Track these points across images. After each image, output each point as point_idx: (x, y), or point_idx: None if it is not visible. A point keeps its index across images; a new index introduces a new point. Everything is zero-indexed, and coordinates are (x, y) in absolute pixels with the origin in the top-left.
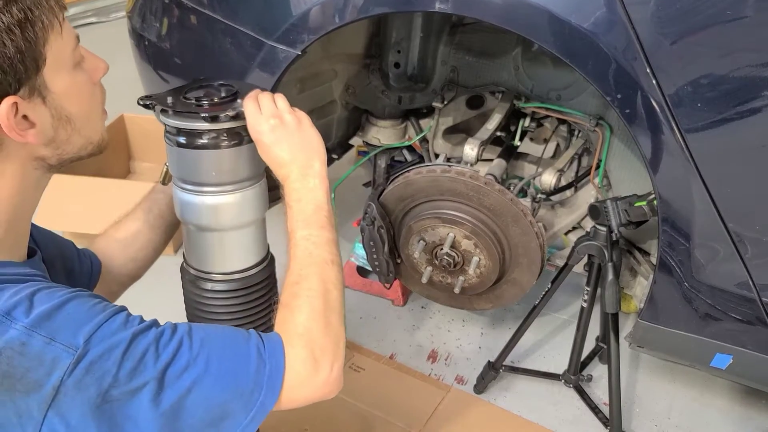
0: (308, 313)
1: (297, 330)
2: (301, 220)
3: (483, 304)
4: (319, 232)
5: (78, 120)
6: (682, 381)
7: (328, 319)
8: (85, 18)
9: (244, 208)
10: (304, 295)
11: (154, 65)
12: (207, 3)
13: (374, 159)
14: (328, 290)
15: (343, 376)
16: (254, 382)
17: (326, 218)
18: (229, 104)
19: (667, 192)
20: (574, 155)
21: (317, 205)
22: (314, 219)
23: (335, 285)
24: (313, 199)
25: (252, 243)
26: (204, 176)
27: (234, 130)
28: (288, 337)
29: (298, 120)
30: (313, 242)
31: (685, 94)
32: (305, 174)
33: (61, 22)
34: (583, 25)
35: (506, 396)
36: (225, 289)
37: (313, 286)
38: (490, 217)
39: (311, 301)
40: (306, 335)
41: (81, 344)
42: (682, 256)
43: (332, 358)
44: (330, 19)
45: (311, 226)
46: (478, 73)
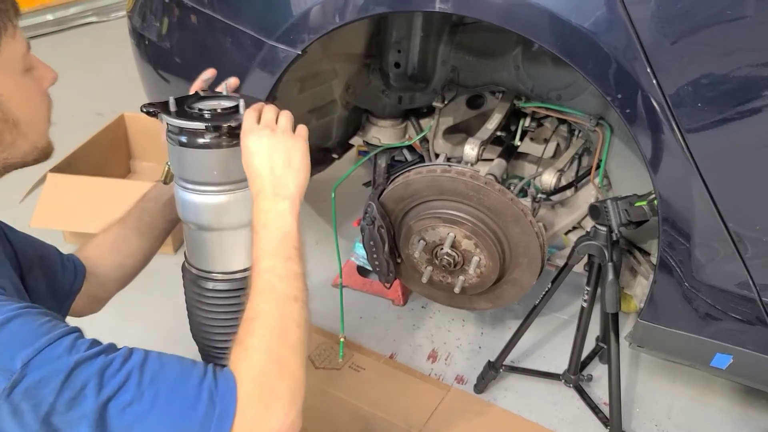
0: (264, 354)
1: (250, 372)
2: (267, 249)
3: (483, 303)
4: (285, 264)
5: (24, 124)
6: (683, 381)
7: (285, 360)
8: (86, 17)
9: (245, 207)
10: (260, 334)
11: (154, 65)
12: (207, 2)
13: (374, 159)
14: (287, 329)
15: (300, 419)
16: (201, 425)
17: (294, 248)
18: (233, 111)
19: (667, 192)
20: (575, 155)
21: (285, 232)
22: (281, 249)
23: (297, 324)
24: (281, 226)
25: (246, 245)
26: (206, 175)
27: (235, 130)
28: (241, 378)
29: (291, 138)
30: (277, 275)
31: (686, 94)
32: (277, 193)
33: (15, 26)
34: (583, 25)
35: (506, 396)
36: (227, 288)
37: (271, 324)
38: (490, 216)
39: (268, 340)
40: (260, 378)
41: (18, 369)
42: (683, 256)
43: (288, 404)
44: (330, 18)
45: (277, 256)
46: (478, 72)
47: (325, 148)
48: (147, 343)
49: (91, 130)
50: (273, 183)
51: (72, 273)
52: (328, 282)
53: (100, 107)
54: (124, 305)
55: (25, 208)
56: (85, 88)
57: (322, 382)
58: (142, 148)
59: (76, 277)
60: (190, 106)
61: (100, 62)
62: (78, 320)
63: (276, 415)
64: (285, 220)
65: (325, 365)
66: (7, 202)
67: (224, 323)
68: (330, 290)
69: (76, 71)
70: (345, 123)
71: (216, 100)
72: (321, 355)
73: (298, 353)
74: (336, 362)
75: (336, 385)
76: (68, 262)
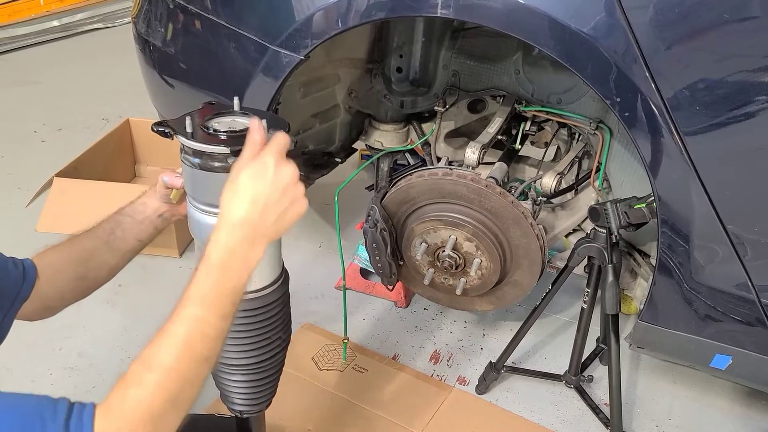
0: (143, 410)
1: (121, 421)
2: (208, 296)
3: (484, 305)
4: (218, 322)
5: None
6: (683, 381)
7: (163, 420)
8: (92, 24)
9: None
10: (149, 391)
11: (159, 70)
12: (211, 8)
13: (377, 162)
14: (182, 389)
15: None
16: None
17: (233, 306)
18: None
19: (666, 194)
20: (575, 158)
21: (237, 286)
22: (223, 303)
23: (194, 385)
24: (239, 278)
25: (267, 263)
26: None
27: None
28: (108, 423)
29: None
30: (202, 333)
31: (684, 98)
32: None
33: None
34: (583, 30)
35: (508, 396)
36: (241, 309)
37: (165, 383)
38: (491, 219)
39: (154, 398)
40: (126, 428)
41: None
42: (682, 257)
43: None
44: (333, 24)
45: (214, 310)
46: (479, 77)
47: (328, 152)
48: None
49: (97, 134)
50: (260, 224)
51: (18, 279)
52: (331, 284)
53: (106, 112)
54: (129, 307)
55: (32, 213)
56: (91, 94)
57: (325, 383)
58: (147, 153)
59: (24, 283)
60: (205, 125)
61: (106, 68)
62: (83, 321)
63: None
64: (246, 272)
65: (329, 367)
66: (13, 206)
67: (232, 340)
68: (333, 292)
69: (82, 77)
70: (348, 127)
71: (229, 116)
72: (324, 357)
73: (182, 413)
74: (339, 364)
75: (339, 386)
76: (14, 268)
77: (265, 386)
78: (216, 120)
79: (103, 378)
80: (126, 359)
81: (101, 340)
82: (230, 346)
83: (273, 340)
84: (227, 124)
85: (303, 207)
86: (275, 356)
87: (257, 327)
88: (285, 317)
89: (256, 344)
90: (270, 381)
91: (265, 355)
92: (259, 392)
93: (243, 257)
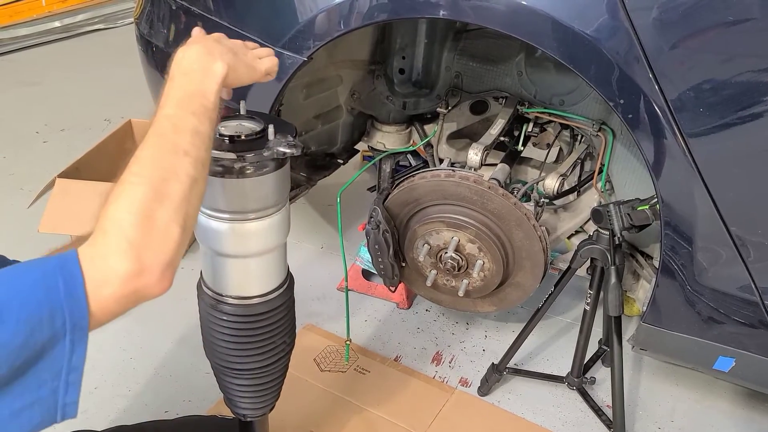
0: (126, 205)
1: (106, 223)
2: (175, 98)
3: (487, 307)
4: (187, 117)
5: None
6: (685, 384)
7: (151, 212)
8: (93, 24)
9: (266, 236)
10: (129, 181)
11: (162, 71)
12: (214, 9)
13: (379, 164)
14: (164, 180)
15: (169, 280)
16: (50, 306)
17: (204, 108)
18: (260, 137)
19: (669, 196)
20: (577, 160)
21: (201, 90)
22: (189, 102)
23: (180, 179)
24: (202, 82)
25: (272, 268)
26: (228, 203)
27: (261, 162)
28: (95, 232)
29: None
30: (174, 124)
31: (688, 99)
32: (212, 53)
33: None
34: (585, 31)
35: (510, 398)
36: (240, 313)
37: (144, 173)
38: (493, 221)
39: (135, 189)
40: (115, 228)
41: None
42: (685, 259)
43: (146, 252)
44: (335, 25)
45: (182, 107)
46: (481, 78)
47: (330, 153)
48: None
49: (99, 135)
50: (214, 46)
51: None
52: (333, 285)
53: (108, 113)
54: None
55: (34, 213)
56: (93, 95)
57: (327, 384)
58: None
59: None
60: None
61: (107, 69)
62: None
63: (132, 262)
64: (208, 79)
65: (331, 368)
66: (15, 207)
67: (236, 345)
68: (335, 294)
69: (83, 78)
70: (350, 128)
71: (235, 120)
72: (326, 358)
73: (173, 208)
74: (341, 365)
75: (341, 387)
76: None
77: (269, 390)
78: (222, 124)
79: (105, 379)
80: (128, 360)
81: (103, 342)
82: (235, 350)
83: (278, 344)
84: (233, 128)
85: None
86: (279, 360)
87: (262, 331)
88: (289, 322)
89: (260, 349)
90: (274, 385)
91: (270, 360)
92: (263, 396)
93: (202, 64)
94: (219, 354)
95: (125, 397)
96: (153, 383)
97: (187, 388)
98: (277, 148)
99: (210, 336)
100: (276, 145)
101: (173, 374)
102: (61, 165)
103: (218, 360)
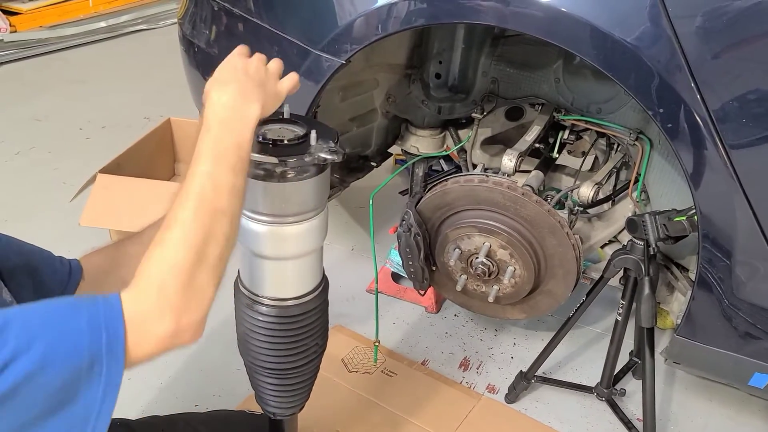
0: (169, 268)
1: (150, 285)
2: (213, 151)
3: (516, 314)
4: (226, 174)
5: None
6: (719, 399)
7: (192, 277)
8: (136, 25)
9: (304, 239)
10: (172, 245)
11: (203, 71)
12: (255, 11)
13: (412, 167)
14: (205, 243)
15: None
16: (90, 357)
17: (241, 160)
18: (303, 141)
19: (708, 208)
20: (613, 168)
21: (239, 141)
22: (228, 156)
23: (218, 240)
24: (240, 131)
25: (309, 271)
26: (268, 206)
27: (302, 167)
28: (139, 290)
29: (254, 65)
30: (214, 184)
31: (731, 110)
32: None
33: None
34: (626, 39)
35: (537, 407)
36: (275, 314)
37: (187, 238)
38: (526, 227)
39: (178, 254)
40: (158, 293)
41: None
42: (723, 273)
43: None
44: (373, 29)
45: (221, 163)
46: (518, 84)
47: (364, 155)
48: None
49: (139, 133)
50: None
51: (65, 278)
52: (363, 287)
53: (148, 111)
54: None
55: (76, 207)
56: (134, 93)
57: (354, 385)
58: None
59: (69, 283)
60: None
61: (149, 68)
62: None
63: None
64: (245, 127)
65: (358, 369)
66: (59, 200)
67: (269, 345)
68: (364, 295)
69: (125, 77)
70: (384, 132)
71: (278, 123)
72: (354, 359)
73: (211, 271)
74: (369, 366)
75: (368, 388)
76: (62, 267)
77: (299, 391)
78: (266, 127)
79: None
80: None
81: None
82: (268, 350)
83: (310, 346)
84: (276, 132)
85: (286, 85)
86: (311, 362)
87: (295, 333)
88: (323, 324)
89: (293, 350)
90: (305, 386)
91: (302, 361)
92: (294, 396)
93: (239, 111)
94: (252, 353)
95: (157, 388)
96: (184, 376)
97: (217, 383)
98: (319, 153)
99: (244, 335)
100: (317, 151)
101: (204, 369)
102: (103, 161)
103: (251, 358)
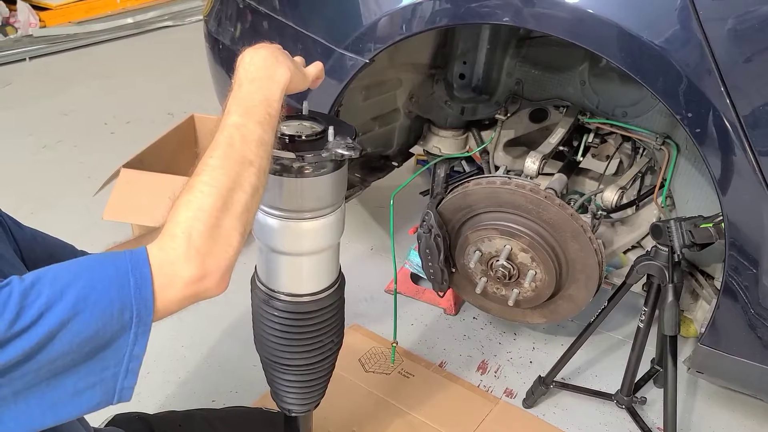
0: (195, 211)
1: (176, 228)
2: (242, 105)
3: (536, 318)
4: (255, 127)
5: None
6: (742, 411)
7: (218, 221)
8: (162, 21)
9: (320, 235)
10: (199, 190)
11: (227, 68)
12: (280, 10)
13: (433, 168)
14: (232, 190)
15: (226, 283)
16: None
17: (269, 116)
18: (320, 137)
19: (735, 215)
20: (638, 173)
21: (267, 96)
22: (256, 110)
23: (244, 189)
24: (268, 88)
25: (325, 267)
26: (285, 202)
27: (320, 163)
28: (164, 235)
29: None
30: (242, 135)
31: (762, 115)
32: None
33: None
34: (654, 42)
35: (555, 412)
36: (291, 309)
37: (214, 182)
38: (548, 231)
39: (204, 198)
40: (183, 235)
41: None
42: (749, 281)
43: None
44: (398, 29)
45: (249, 116)
46: (543, 86)
47: (385, 155)
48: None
49: (163, 128)
50: (279, 54)
51: None
52: (381, 287)
53: (172, 107)
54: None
55: (99, 201)
56: (159, 89)
57: (371, 385)
58: None
59: None
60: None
61: (173, 65)
62: None
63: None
64: (274, 85)
65: (375, 369)
66: (82, 194)
67: (285, 341)
68: (382, 295)
69: (150, 72)
70: (406, 131)
71: (297, 120)
72: (371, 359)
73: (237, 217)
74: (387, 367)
75: (385, 389)
76: None
77: (315, 387)
78: (285, 123)
79: (157, 365)
80: (179, 348)
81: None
82: (284, 346)
83: (326, 343)
84: (294, 128)
85: (312, 71)
86: (327, 359)
87: (311, 329)
88: (338, 321)
89: (309, 346)
90: (320, 383)
91: (318, 357)
92: (309, 393)
93: (269, 70)
94: (268, 348)
95: (174, 383)
96: (201, 372)
97: (234, 379)
98: (336, 149)
99: (261, 330)
100: (335, 147)
101: (221, 364)
102: (126, 156)
103: (267, 354)
